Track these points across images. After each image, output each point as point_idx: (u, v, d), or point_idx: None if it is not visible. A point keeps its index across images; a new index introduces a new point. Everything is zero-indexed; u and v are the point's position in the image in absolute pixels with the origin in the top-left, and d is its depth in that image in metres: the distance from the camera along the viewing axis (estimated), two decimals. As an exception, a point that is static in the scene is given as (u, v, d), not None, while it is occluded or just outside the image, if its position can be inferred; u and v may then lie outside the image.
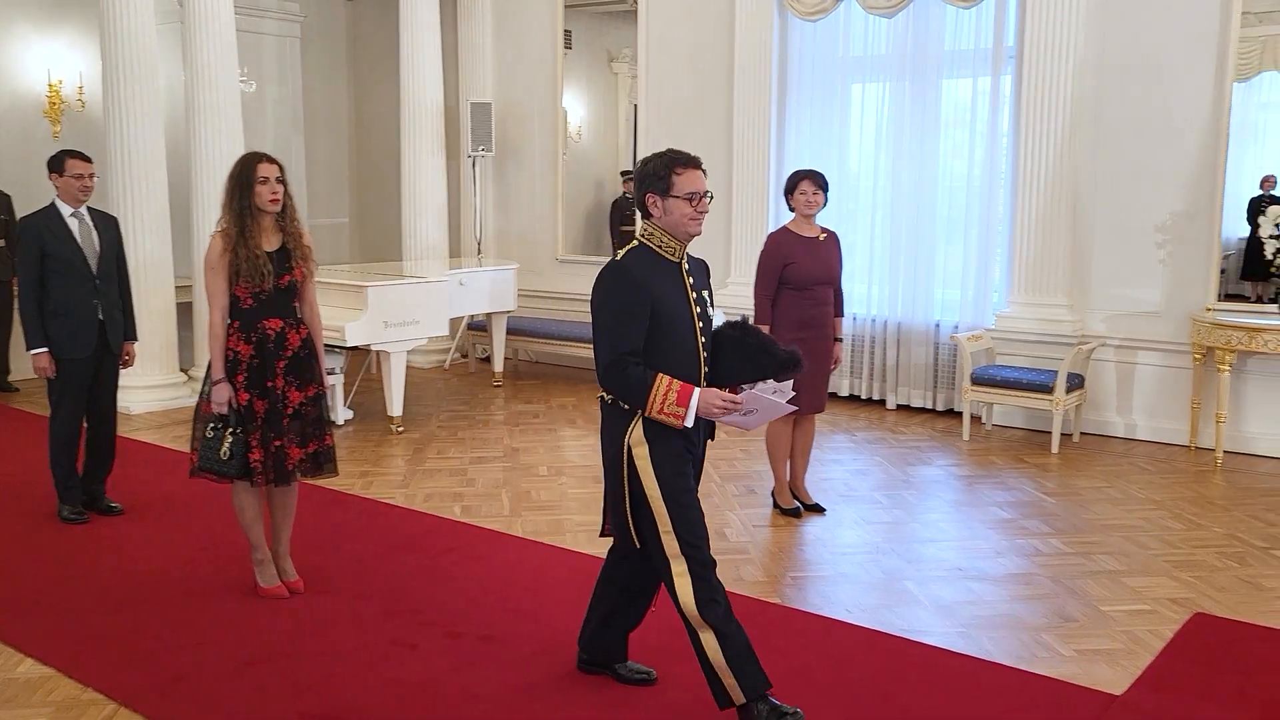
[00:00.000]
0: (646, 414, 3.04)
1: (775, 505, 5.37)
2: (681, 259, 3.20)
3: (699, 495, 3.24)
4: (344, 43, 10.90)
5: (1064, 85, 6.76)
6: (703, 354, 3.15)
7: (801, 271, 5.05)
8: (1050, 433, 6.57)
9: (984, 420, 7.14)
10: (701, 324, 3.17)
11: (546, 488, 5.82)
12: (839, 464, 6.29)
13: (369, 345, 6.88)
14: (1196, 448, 6.50)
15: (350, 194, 11.04)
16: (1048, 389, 6.49)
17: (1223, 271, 6.62)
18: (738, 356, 3.19)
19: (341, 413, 7.16)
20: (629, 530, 3.18)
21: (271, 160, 4.06)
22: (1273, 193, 6.46)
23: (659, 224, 3.16)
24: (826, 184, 5.11)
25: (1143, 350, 6.76)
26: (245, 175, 4.01)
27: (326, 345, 6.69)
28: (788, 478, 5.38)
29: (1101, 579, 4.46)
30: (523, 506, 5.48)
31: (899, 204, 7.60)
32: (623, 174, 9.39)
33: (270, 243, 4.07)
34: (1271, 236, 6.03)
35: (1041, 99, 6.84)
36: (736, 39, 8.10)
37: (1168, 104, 6.55)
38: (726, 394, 3.09)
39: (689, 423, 3.04)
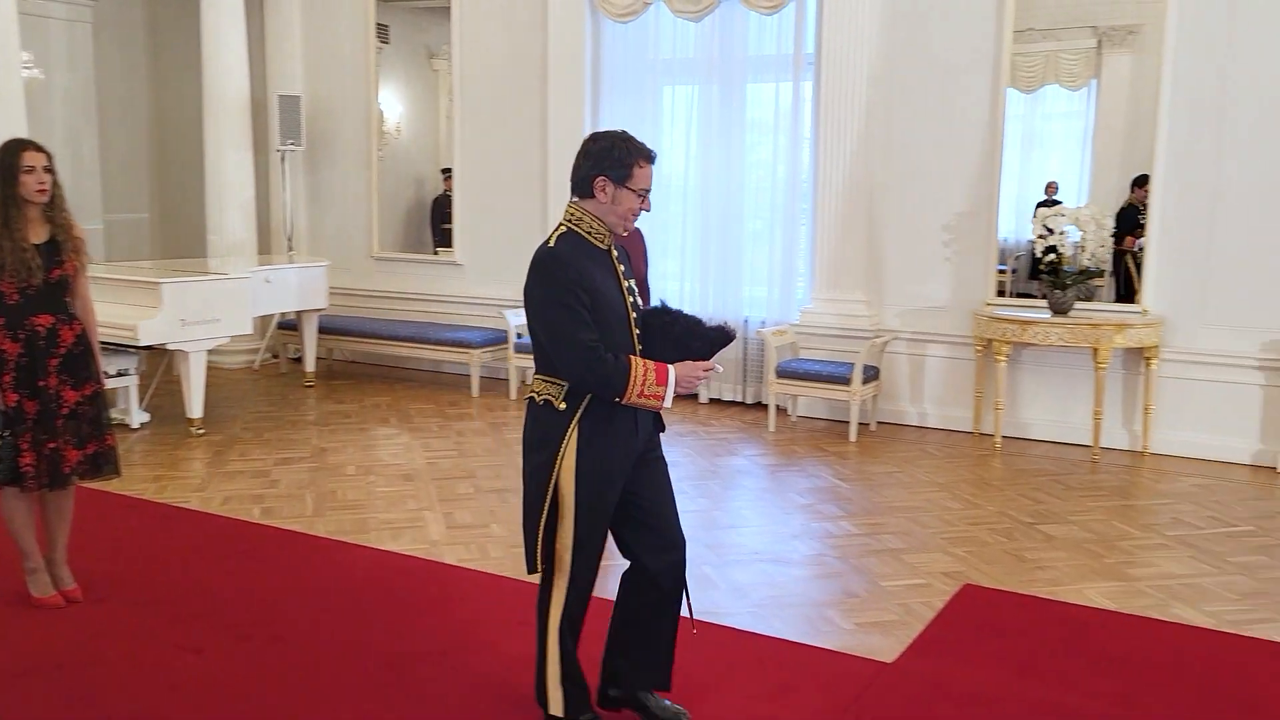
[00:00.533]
0: (625, 400, 2.84)
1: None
2: (610, 247, 2.98)
3: (667, 493, 3.10)
4: (141, 29, 10.37)
5: (859, 91, 7.13)
6: (637, 345, 2.94)
7: (604, 266, 5.14)
8: (849, 422, 6.91)
9: (789, 412, 7.44)
10: (635, 314, 2.97)
11: (353, 487, 5.72)
12: (649, 456, 6.42)
13: (165, 344, 6.58)
14: (980, 433, 6.96)
15: (150, 189, 10.50)
16: (846, 381, 6.82)
17: (1014, 271, 7.13)
18: (668, 343, 2.96)
19: (137, 415, 6.83)
20: (537, 548, 2.95)
21: (38, 148, 3.85)
22: (1055, 198, 6.99)
23: (595, 210, 2.91)
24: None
25: (931, 343, 7.19)
26: (8, 164, 3.79)
27: (119, 345, 6.46)
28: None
29: (884, 557, 4.73)
30: (327, 507, 5.36)
31: (709, 204, 7.84)
32: (443, 171, 9.30)
33: (38, 235, 3.86)
34: (1039, 237, 6.51)
35: (838, 104, 7.19)
36: (550, 38, 8.16)
37: (951, 111, 6.99)
38: (700, 363, 2.96)
39: (668, 402, 2.88)
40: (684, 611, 3.14)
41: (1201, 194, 6.33)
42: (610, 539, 3.03)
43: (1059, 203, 6.83)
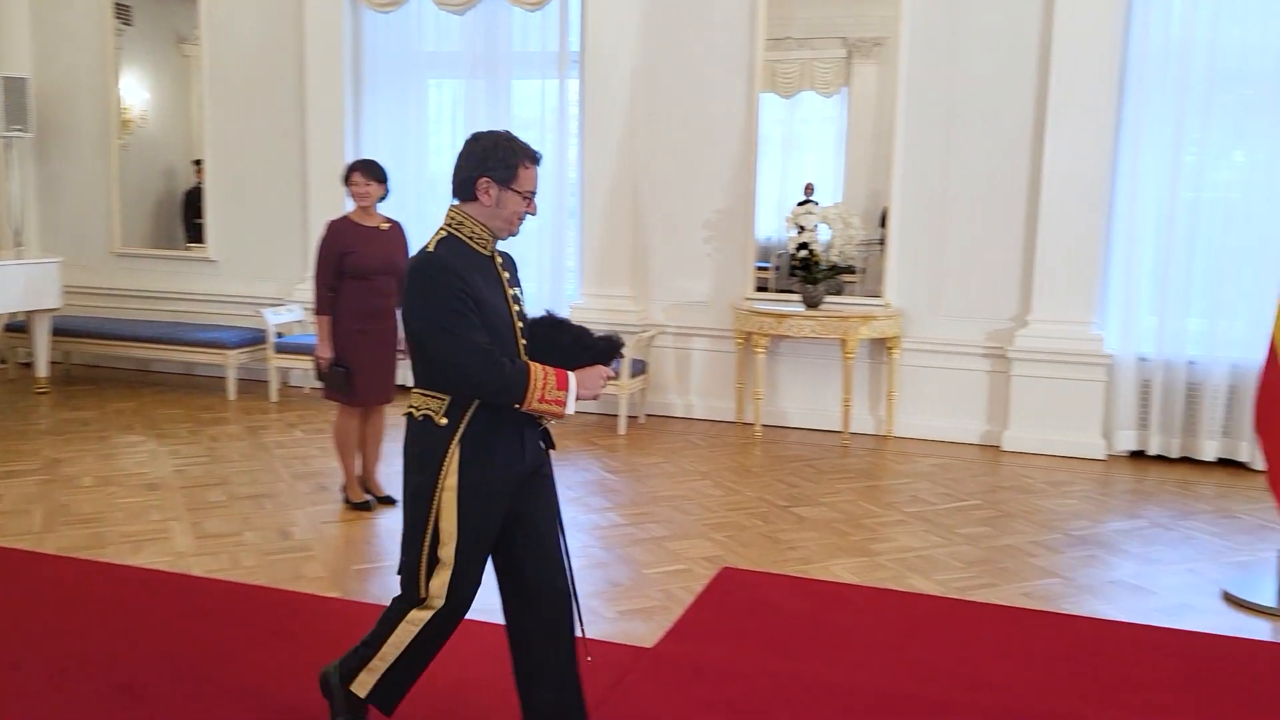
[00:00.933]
0: (525, 406, 2.68)
1: (346, 500, 5.28)
2: (493, 253, 2.82)
3: (553, 513, 2.95)
4: None
5: (622, 90, 7.26)
6: (523, 357, 2.78)
7: (362, 261, 5.01)
8: (618, 416, 7.02)
9: (561, 407, 7.48)
10: (520, 324, 2.82)
11: (90, 499, 5.30)
12: (417, 456, 6.30)
13: None
14: (742, 423, 7.24)
15: None
16: (614, 375, 6.91)
17: (777, 268, 7.45)
18: (555, 356, 2.81)
19: None
20: (419, 573, 2.78)
21: None
22: (813, 198, 7.35)
23: (477, 213, 2.76)
24: (384, 175, 5.11)
25: (696, 336, 7.43)
26: None
27: None
28: (358, 471, 5.31)
29: (648, 545, 4.84)
30: (58, 521, 4.95)
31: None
32: (195, 162, 8.75)
33: None
34: (793, 235, 6.84)
35: (603, 102, 7.30)
36: (306, 25, 7.85)
37: (710, 112, 7.24)
38: (602, 368, 2.83)
39: (571, 409, 2.75)
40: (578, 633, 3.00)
41: (933, 195, 6.85)
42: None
43: (816, 202, 7.20)
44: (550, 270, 7.77)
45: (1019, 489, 5.86)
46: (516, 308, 2.81)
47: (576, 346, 2.85)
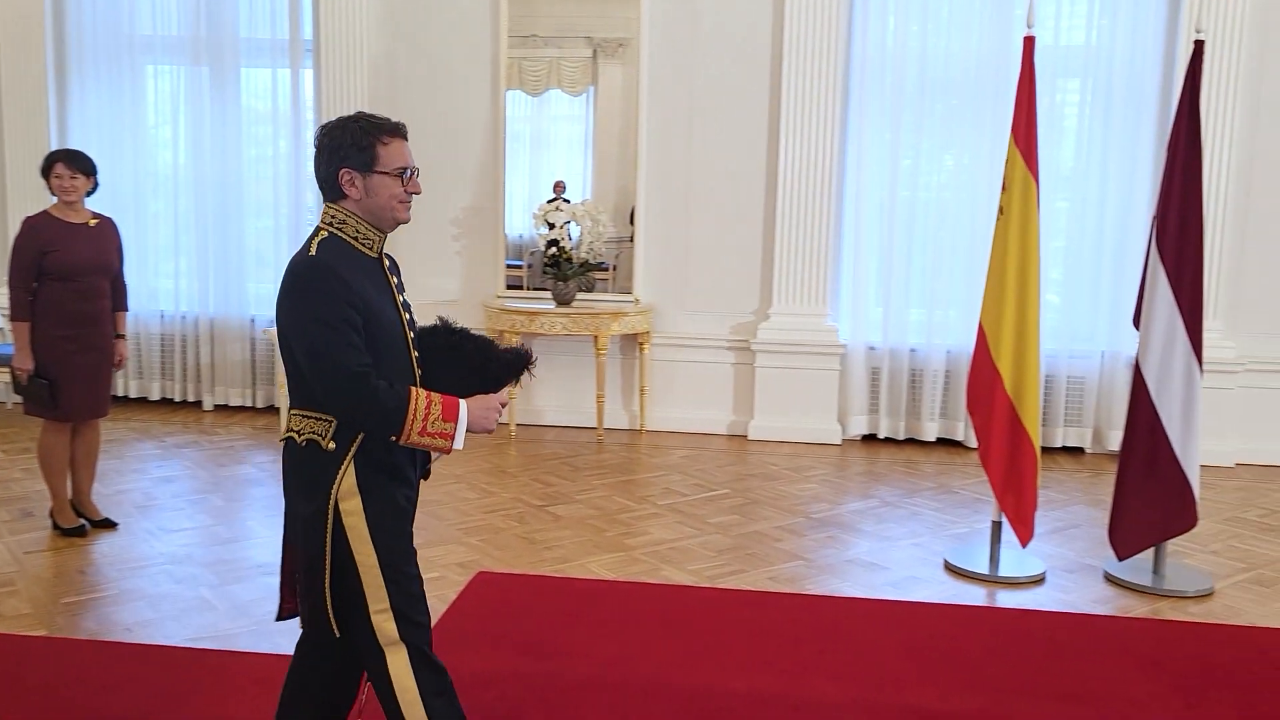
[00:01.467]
0: (403, 440, 2.35)
1: (55, 526, 4.77)
2: (380, 254, 2.54)
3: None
4: None
5: (360, 83, 6.98)
6: (417, 370, 2.52)
7: (66, 260, 4.53)
8: (367, 421, 6.74)
9: (304, 414, 7.11)
10: (411, 333, 2.54)
11: None
12: (142, 473, 5.80)
13: None
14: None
15: None
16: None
17: (530, 265, 7.38)
18: (459, 369, 2.55)
19: None
20: (328, 613, 2.43)
21: None
22: (565, 196, 7.33)
23: (355, 209, 2.48)
24: (91, 167, 4.65)
25: (447, 337, 7.25)
26: None
27: None
28: (69, 494, 4.81)
29: (399, 554, 4.66)
30: None
31: (205, 195, 7.24)
32: None
33: None
34: (542, 233, 6.82)
35: (340, 95, 6.97)
36: (-2, 0, 7.06)
37: (455, 109, 7.09)
38: (496, 396, 2.52)
39: (459, 443, 2.41)
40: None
41: (678, 193, 7.01)
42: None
43: (567, 200, 7.20)
44: (276, 276, 7.33)
45: (764, 476, 6.10)
46: (407, 316, 2.54)
47: (481, 358, 2.58)
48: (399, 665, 2.45)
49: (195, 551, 4.65)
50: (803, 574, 4.58)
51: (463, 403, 2.43)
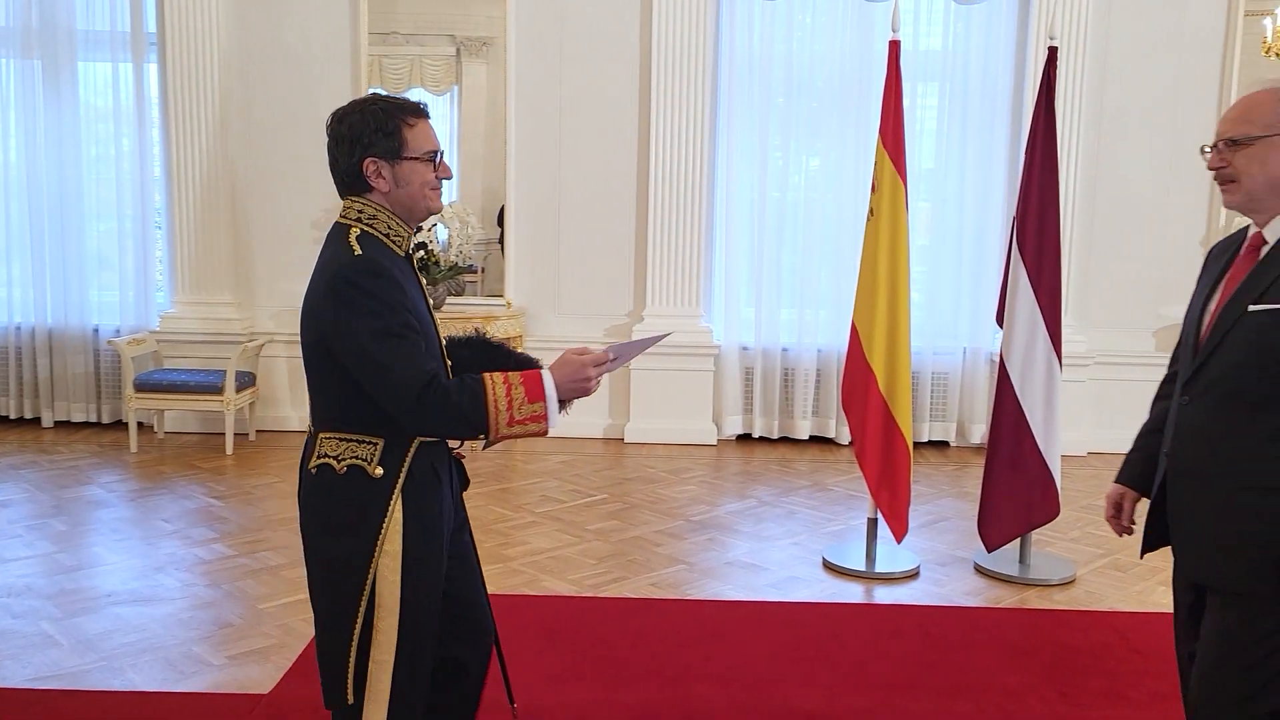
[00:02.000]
0: (494, 437, 2.10)
1: (-128, 562, 4.35)
2: (409, 253, 2.29)
3: (477, 566, 2.44)
4: None
5: (210, 76, 6.63)
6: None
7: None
8: (225, 434, 6.41)
9: (155, 429, 6.72)
10: (442, 338, 2.30)
11: None
12: (-27, 499, 5.36)
13: None
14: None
15: None
16: (217, 390, 6.31)
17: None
18: None
19: None
20: (348, 674, 2.15)
21: None
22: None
23: (383, 202, 2.22)
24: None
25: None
26: None
27: None
28: (-112, 526, 4.39)
29: (263, 576, 4.42)
30: None
31: (39, 198, 6.75)
32: None
33: None
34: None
35: (189, 91, 6.62)
36: None
37: (314, 104, 6.79)
38: (589, 353, 2.20)
39: (554, 422, 2.14)
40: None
41: (549, 194, 6.91)
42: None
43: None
44: (135, 277, 6.93)
45: (643, 479, 6.05)
46: (436, 317, 2.33)
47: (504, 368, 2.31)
48: None
49: (36, 582, 4.30)
50: (684, 578, 4.54)
51: (547, 373, 2.16)
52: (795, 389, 6.96)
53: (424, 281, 2.35)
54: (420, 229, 6.38)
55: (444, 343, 2.35)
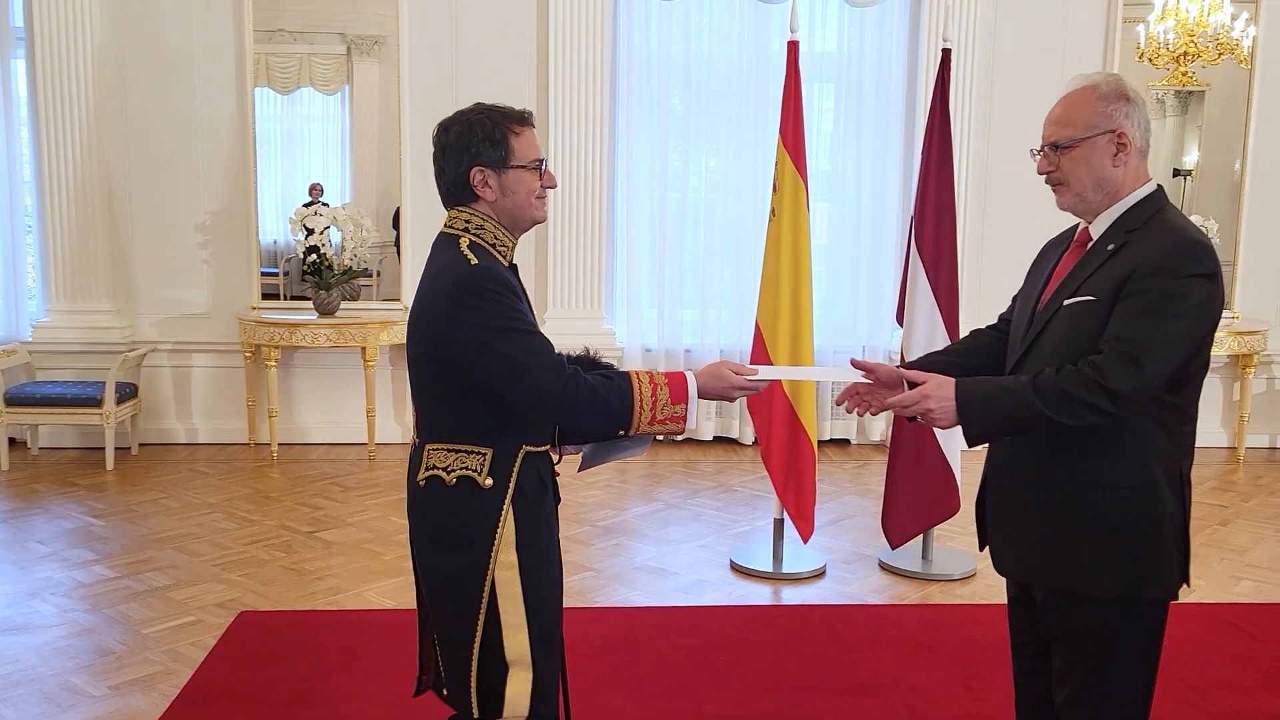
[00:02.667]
0: (634, 429, 2.11)
1: None
2: (514, 265, 2.28)
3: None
4: None
5: (84, 74, 6.29)
6: None
7: None
8: (105, 449, 6.09)
9: (29, 445, 6.35)
10: None
11: None
12: None
13: None
14: (256, 444, 6.64)
15: None
16: (96, 402, 5.99)
17: (287, 273, 6.88)
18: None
19: None
20: (471, 690, 2.14)
21: None
22: (322, 199, 6.88)
23: (490, 211, 2.22)
24: None
25: (196, 353, 6.67)
26: None
27: None
28: None
29: (148, 599, 4.20)
30: None
31: (-105, 200, 6.33)
32: None
33: None
34: (300, 238, 6.38)
35: (59, 90, 6.27)
36: None
37: (195, 105, 6.53)
38: (744, 373, 2.22)
39: (693, 422, 2.15)
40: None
41: (439, 195, 6.74)
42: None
43: (326, 204, 6.78)
44: (5, 284, 6.55)
45: (546, 485, 5.95)
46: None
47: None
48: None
49: (-107, 615, 4.00)
50: (593, 585, 4.47)
51: (690, 378, 2.17)
52: (699, 390, 6.94)
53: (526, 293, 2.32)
54: (311, 230, 6.24)
55: None
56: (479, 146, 2.19)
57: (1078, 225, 2.32)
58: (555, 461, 2.38)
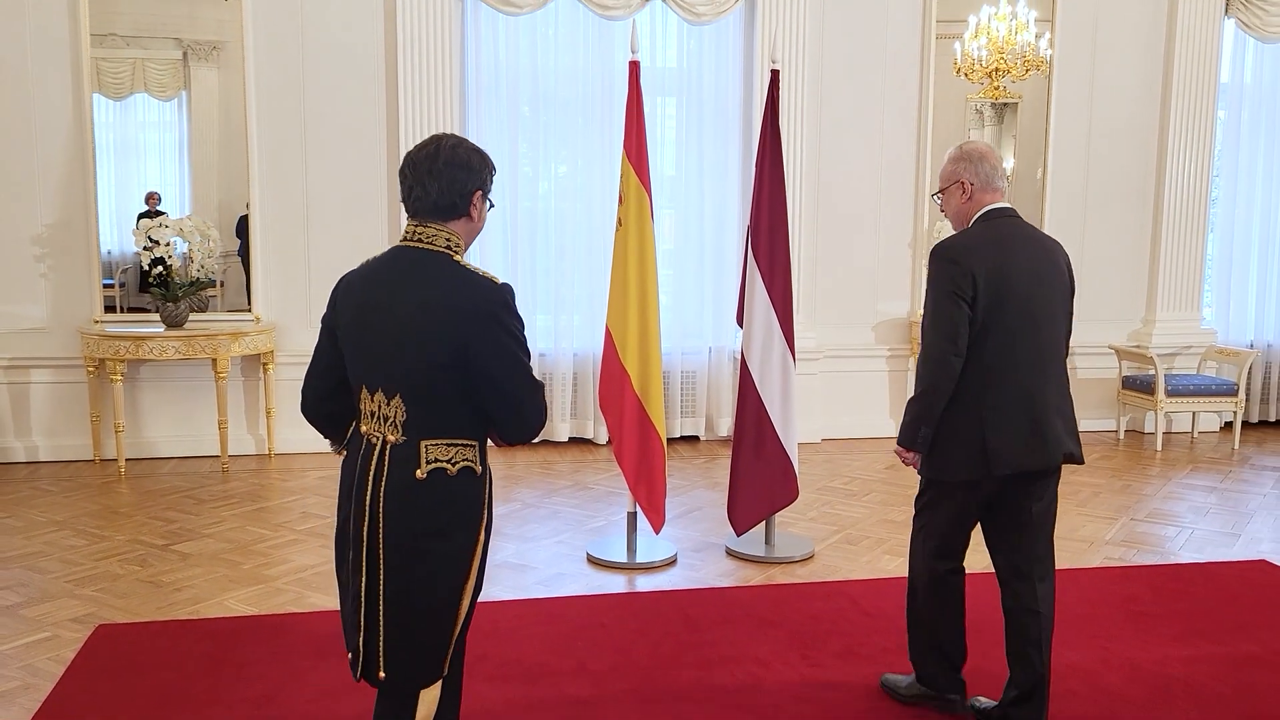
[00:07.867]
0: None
1: None
2: None
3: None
4: None
5: (-95, 82, 6.04)
6: None
7: None
8: (-63, 470, 5.87)
9: None
10: None
11: None
12: None
13: None
14: (101, 460, 6.49)
15: None
16: None
17: (123, 285, 6.73)
18: None
19: None
20: (448, 652, 2.43)
21: None
22: (159, 208, 6.75)
23: (463, 231, 2.42)
24: None
25: (35, 368, 6.49)
26: None
27: None
28: None
29: (-2, 618, 4.13)
30: None
31: None
32: None
33: None
34: (145, 249, 6.28)
35: (-122, 95, 6.00)
36: None
37: (28, 113, 6.35)
38: None
39: None
40: None
41: (295, 204, 6.76)
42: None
43: (162, 213, 6.66)
44: None
45: (405, 490, 6.04)
46: None
47: None
48: (431, 700, 2.45)
49: None
50: (454, 584, 4.61)
51: None
52: (553, 392, 7.16)
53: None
54: (156, 242, 6.14)
55: None
56: (484, 172, 2.42)
57: None
58: None
